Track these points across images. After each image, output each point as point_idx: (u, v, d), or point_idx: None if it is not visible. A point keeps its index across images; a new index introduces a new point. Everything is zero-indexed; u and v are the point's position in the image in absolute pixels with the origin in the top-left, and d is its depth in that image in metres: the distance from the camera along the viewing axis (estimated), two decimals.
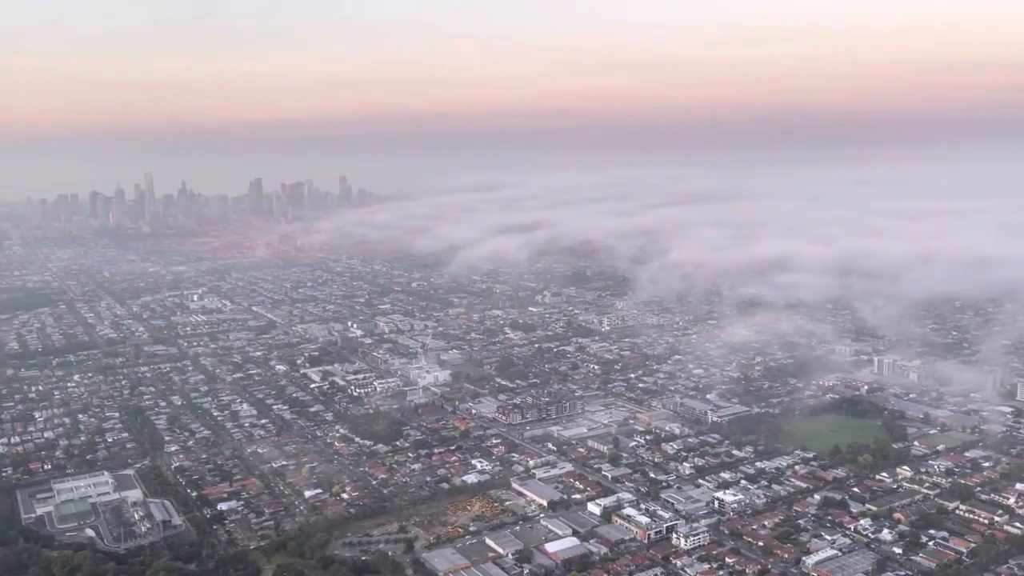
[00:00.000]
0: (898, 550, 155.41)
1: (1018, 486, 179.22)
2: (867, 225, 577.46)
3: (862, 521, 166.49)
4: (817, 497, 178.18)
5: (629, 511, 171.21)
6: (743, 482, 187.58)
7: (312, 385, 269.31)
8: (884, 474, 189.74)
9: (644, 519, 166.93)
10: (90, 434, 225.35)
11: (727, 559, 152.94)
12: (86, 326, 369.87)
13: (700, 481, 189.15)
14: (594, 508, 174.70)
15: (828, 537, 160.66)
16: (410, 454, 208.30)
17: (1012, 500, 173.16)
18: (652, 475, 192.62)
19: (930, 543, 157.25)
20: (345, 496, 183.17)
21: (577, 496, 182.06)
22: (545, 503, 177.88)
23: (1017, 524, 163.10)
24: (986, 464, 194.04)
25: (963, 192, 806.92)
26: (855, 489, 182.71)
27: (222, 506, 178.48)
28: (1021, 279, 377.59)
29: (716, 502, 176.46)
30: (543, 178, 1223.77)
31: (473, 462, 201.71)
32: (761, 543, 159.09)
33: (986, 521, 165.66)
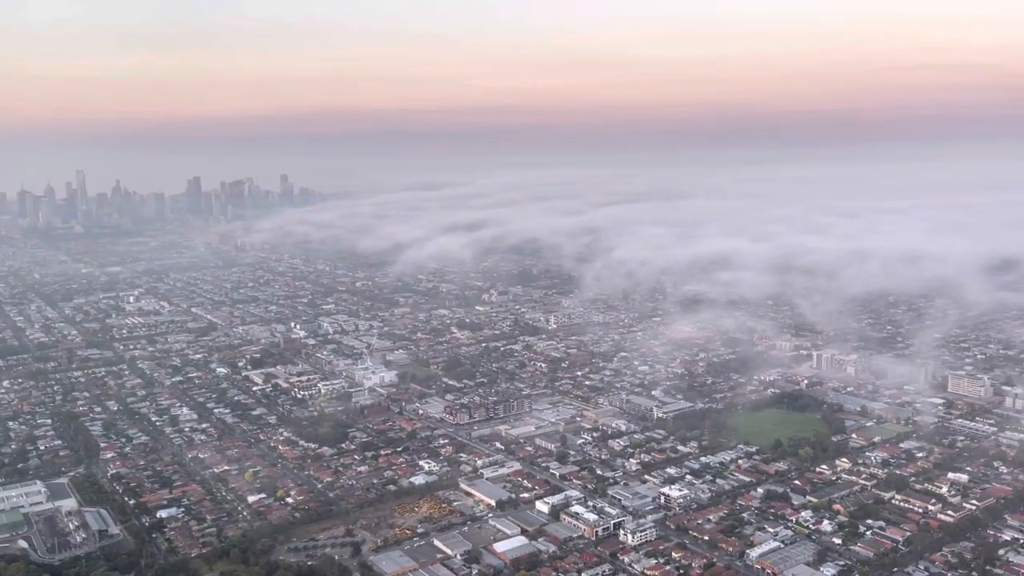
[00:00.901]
0: (838, 540, 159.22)
1: (950, 475, 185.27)
2: (807, 223, 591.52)
3: (803, 513, 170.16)
4: (760, 490, 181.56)
5: (577, 509, 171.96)
6: (688, 477, 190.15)
7: (254, 388, 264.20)
8: (824, 466, 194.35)
9: (592, 516, 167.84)
10: (21, 442, 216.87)
11: (673, 554, 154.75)
12: (15, 330, 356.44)
13: (646, 477, 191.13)
14: (542, 506, 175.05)
15: (771, 529, 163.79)
16: (356, 456, 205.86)
17: (944, 489, 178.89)
18: (599, 472, 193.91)
19: (868, 533, 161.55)
20: (290, 500, 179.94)
21: (525, 495, 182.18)
22: (493, 503, 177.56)
23: (949, 512, 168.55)
24: (920, 455, 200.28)
25: (898, 190, 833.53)
26: (796, 482, 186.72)
27: (161, 514, 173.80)
28: (951, 275, 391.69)
29: (662, 497, 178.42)
30: (490, 176, 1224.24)
31: (421, 463, 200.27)
32: (706, 537, 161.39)
33: (920, 510, 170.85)
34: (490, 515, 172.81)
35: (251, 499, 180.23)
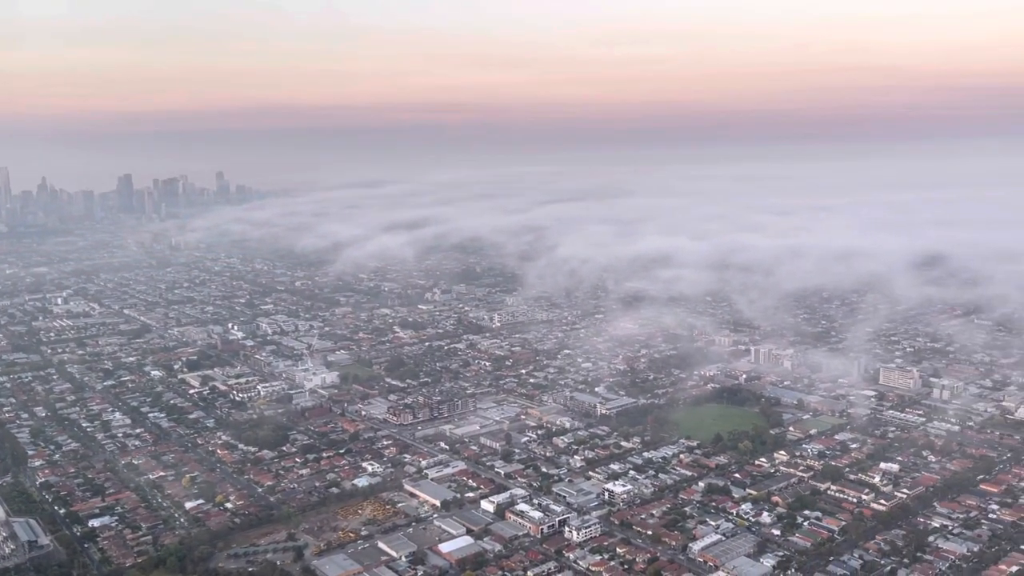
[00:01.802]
0: (777, 532, 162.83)
1: (882, 465, 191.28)
2: (743, 221, 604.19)
3: (743, 505, 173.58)
4: (701, 484, 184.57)
5: (522, 507, 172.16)
6: (632, 472, 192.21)
7: (191, 391, 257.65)
8: (763, 459, 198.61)
9: (537, 514, 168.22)
10: None
11: (618, 549, 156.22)
12: None
13: (591, 473, 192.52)
14: (487, 506, 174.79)
15: (712, 523, 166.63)
16: (297, 459, 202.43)
17: (877, 479, 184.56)
18: (544, 470, 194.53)
19: (805, 523, 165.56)
20: (229, 506, 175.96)
21: (470, 494, 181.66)
22: (438, 503, 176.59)
23: (882, 501, 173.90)
24: (854, 446, 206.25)
25: (830, 189, 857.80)
26: (736, 475, 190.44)
27: (94, 523, 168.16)
28: (881, 271, 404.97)
29: (606, 493, 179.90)
30: (431, 174, 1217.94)
31: (364, 465, 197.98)
32: (650, 532, 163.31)
33: (855, 500, 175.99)
34: (435, 516, 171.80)
35: (188, 505, 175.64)
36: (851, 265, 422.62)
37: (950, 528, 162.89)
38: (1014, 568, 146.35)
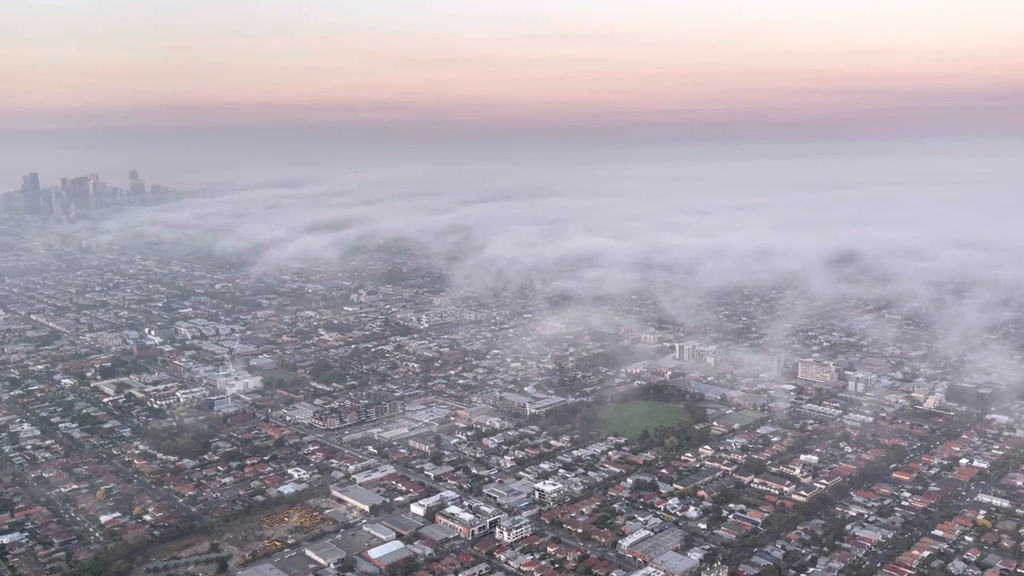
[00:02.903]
0: (703, 525, 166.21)
1: (802, 457, 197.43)
2: (665, 221, 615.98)
3: (671, 501, 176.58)
4: (630, 481, 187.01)
5: (453, 509, 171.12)
6: (561, 471, 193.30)
7: (105, 399, 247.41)
8: (688, 454, 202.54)
9: (467, 516, 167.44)
10: None
11: (548, 548, 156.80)
12: None
13: (521, 473, 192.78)
14: (417, 509, 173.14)
15: (641, 519, 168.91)
16: (220, 468, 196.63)
17: (797, 471, 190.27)
18: (475, 471, 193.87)
19: (730, 516, 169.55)
20: (148, 518, 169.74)
21: (400, 498, 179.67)
22: (367, 508, 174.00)
23: (802, 493, 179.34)
24: (775, 439, 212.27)
25: (747, 188, 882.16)
26: (663, 471, 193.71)
27: (3, 539, 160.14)
28: (798, 268, 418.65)
29: (537, 493, 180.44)
30: (355, 173, 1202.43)
31: (289, 471, 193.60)
32: (580, 530, 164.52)
33: (777, 492, 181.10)
34: (364, 521, 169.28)
35: (104, 519, 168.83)
36: (769, 263, 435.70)
37: (866, 516, 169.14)
38: (925, 553, 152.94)
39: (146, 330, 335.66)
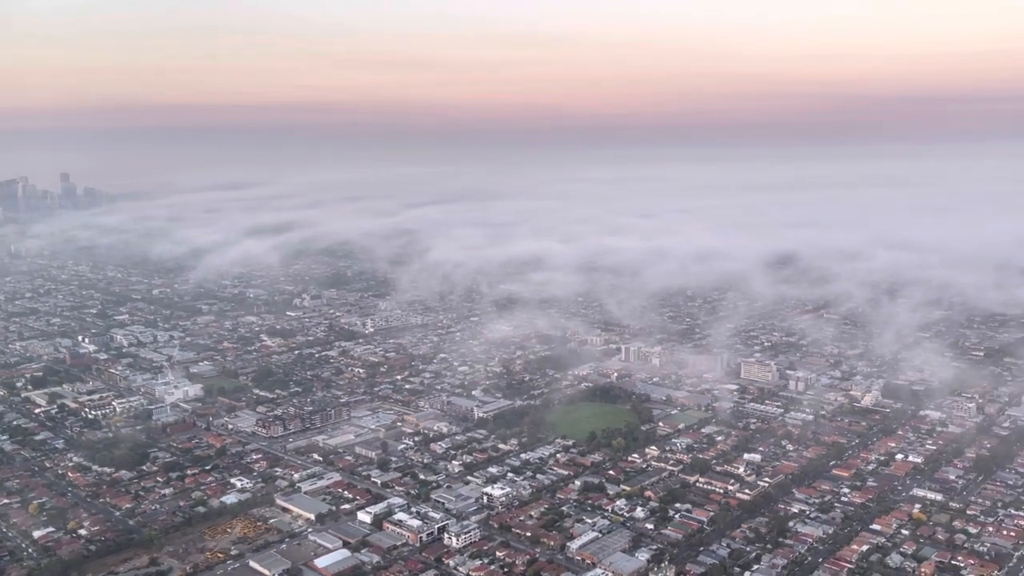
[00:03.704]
0: (650, 525, 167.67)
1: (746, 456, 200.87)
2: (609, 224, 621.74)
3: (618, 502, 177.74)
4: (578, 483, 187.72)
5: (400, 516, 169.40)
6: (510, 475, 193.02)
7: (37, 410, 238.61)
8: (635, 455, 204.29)
9: (415, 522, 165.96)
10: None
11: (497, 553, 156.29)
12: None
13: (469, 478, 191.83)
14: (364, 516, 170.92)
15: (589, 520, 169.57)
16: (159, 478, 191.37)
17: (741, 469, 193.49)
18: (422, 477, 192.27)
19: (676, 516, 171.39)
20: (83, 532, 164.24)
21: (347, 506, 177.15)
22: (313, 516, 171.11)
23: (746, 491, 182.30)
24: (719, 438, 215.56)
25: (688, 191, 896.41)
26: (611, 472, 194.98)
27: None
28: (738, 270, 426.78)
29: (485, 497, 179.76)
30: (298, 176, 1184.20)
31: (232, 481, 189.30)
32: (529, 533, 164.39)
33: (721, 491, 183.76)
34: (310, 530, 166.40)
35: (37, 534, 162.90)
36: (712, 265, 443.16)
37: (807, 513, 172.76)
38: (864, 547, 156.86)
39: (80, 338, 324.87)
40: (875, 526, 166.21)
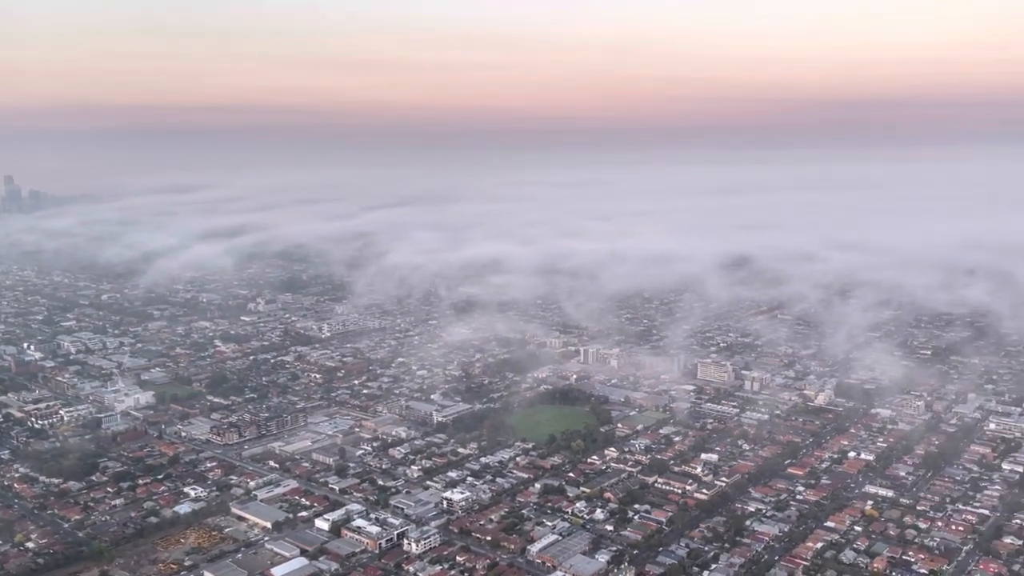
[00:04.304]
0: (610, 527, 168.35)
1: (703, 456, 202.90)
2: (567, 226, 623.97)
3: (578, 504, 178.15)
4: (538, 485, 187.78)
5: (359, 522, 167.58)
6: (469, 479, 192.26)
7: None
8: (595, 457, 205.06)
9: (374, 529, 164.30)
10: None
11: (458, 558, 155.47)
12: None
13: (428, 483, 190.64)
14: (322, 524, 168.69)
15: (549, 523, 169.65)
16: (109, 489, 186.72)
17: (699, 469, 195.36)
18: (381, 482, 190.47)
19: (636, 517, 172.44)
20: (31, 545, 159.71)
21: (304, 513, 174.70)
22: (269, 525, 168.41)
23: (704, 491, 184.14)
24: (677, 439, 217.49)
25: (644, 194, 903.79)
26: (570, 474, 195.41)
27: None
28: (694, 272, 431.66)
29: (445, 502, 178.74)
30: (252, 178, 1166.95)
31: (186, 490, 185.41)
32: (489, 537, 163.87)
33: (680, 491, 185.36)
34: (266, 538, 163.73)
35: None
36: (668, 267, 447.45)
37: (764, 511, 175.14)
38: (819, 544, 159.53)
39: (25, 345, 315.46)
40: (829, 523, 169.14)
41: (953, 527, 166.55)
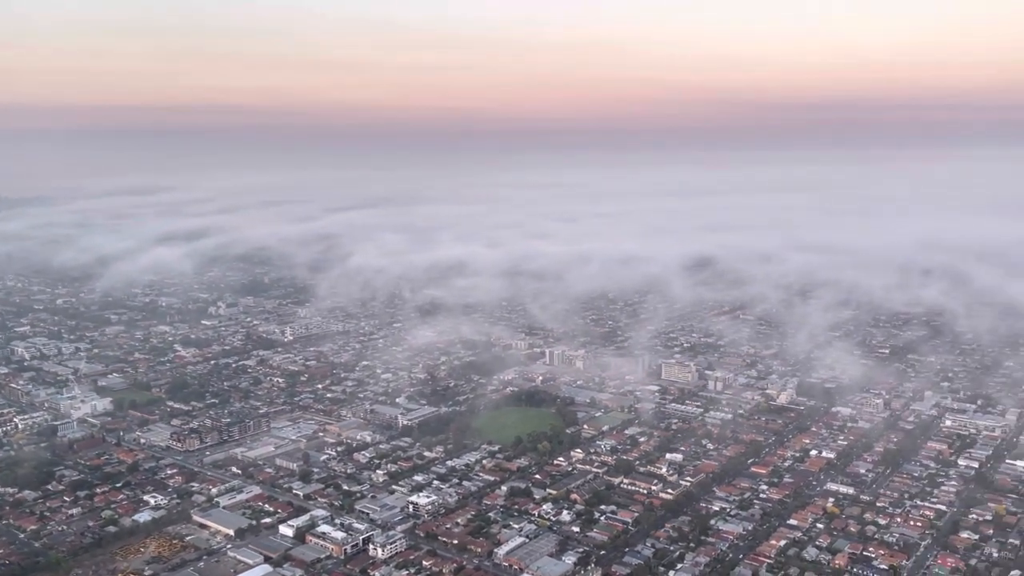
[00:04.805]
0: (576, 528, 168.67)
1: (668, 456, 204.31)
2: (533, 228, 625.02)
3: (545, 506, 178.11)
4: (504, 488, 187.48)
5: (324, 528, 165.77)
6: (436, 483, 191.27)
7: None
8: (561, 458, 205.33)
9: (339, 534, 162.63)
10: None
11: (424, 562, 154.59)
12: None
13: (394, 487, 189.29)
14: (286, 530, 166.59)
15: (516, 526, 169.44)
16: (66, 498, 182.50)
17: (664, 469, 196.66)
18: (346, 487, 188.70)
19: (602, 518, 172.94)
20: None
21: (267, 520, 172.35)
22: (232, 532, 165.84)
23: (669, 491, 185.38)
24: (642, 439, 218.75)
25: (608, 196, 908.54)
26: (537, 476, 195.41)
27: None
28: (659, 273, 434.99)
29: (410, 506, 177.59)
30: (212, 180, 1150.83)
31: (145, 498, 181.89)
32: (456, 541, 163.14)
33: (645, 491, 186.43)
34: (229, 546, 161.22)
35: None
36: (633, 269, 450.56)
37: (728, 510, 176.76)
38: (783, 542, 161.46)
39: None
40: (792, 521, 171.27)
41: (912, 523, 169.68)
